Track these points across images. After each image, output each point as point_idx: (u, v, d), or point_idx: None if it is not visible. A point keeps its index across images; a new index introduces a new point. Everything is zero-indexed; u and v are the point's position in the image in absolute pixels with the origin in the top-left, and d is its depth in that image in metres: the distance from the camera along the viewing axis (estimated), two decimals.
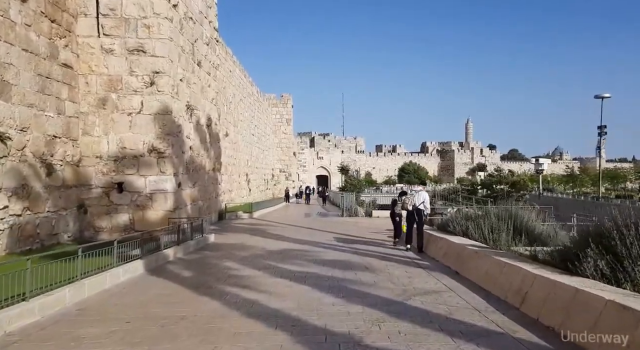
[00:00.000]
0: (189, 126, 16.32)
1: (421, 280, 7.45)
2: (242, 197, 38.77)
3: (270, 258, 10.14)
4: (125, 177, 13.98)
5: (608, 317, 4.06)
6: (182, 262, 9.72)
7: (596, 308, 4.24)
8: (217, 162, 20.50)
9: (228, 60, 34.77)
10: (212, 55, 19.82)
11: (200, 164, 17.62)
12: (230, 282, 7.43)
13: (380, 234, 15.18)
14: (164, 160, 14.11)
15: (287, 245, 12.55)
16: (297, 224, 19.45)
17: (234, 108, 36.48)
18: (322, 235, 14.90)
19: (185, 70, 15.87)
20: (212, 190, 19.49)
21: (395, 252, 10.96)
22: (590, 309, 4.32)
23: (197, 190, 17.05)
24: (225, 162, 32.66)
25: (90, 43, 13.91)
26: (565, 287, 4.86)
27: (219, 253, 11.13)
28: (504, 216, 9.82)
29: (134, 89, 14.02)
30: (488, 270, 6.84)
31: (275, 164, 62.74)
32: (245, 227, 17.87)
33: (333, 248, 11.79)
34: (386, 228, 16.87)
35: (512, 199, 20.55)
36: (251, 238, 14.52)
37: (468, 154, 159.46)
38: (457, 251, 8.65)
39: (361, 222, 19.76)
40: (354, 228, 17.27)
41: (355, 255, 10.38)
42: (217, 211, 20.30)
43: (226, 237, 15.02)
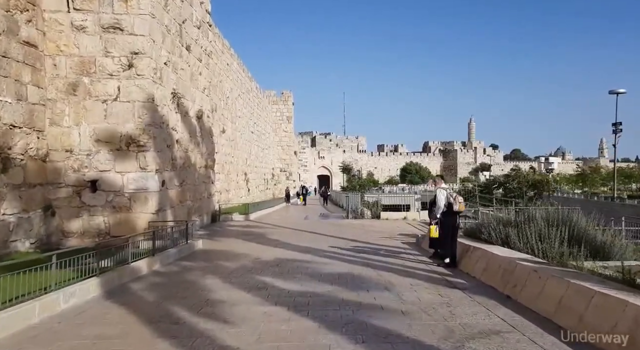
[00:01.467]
0: (176, 117, 14.41)
1: (466, 310, 5.51)
2: (241, 197, 36.91)
3: (264, 272, 8.23)
4: (100, 174, 12.09)
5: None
6: (153, 279, 7.80)
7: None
8: (209, 158, 18.59)
9: (225, 52, 32.88)
10: (203, 40, 17.92)
11: (189, 160, 15.72)
12: (205, 313, 5.50)
13: (393, 240, 13.25)
14: (144, 154, 12.22)
15: (286, 253, 10.64)
16: (298, 227, 17.52)
17: (231, 103, 34.58)
18: (326, 241, 12.98)
19: (170, 54, 13.97)
20: (203, 189, 17.59)
21: (417, 264, 9.02)
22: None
23: (185, 189, 15.15)
24: (222, 161, 30.78)
25: (58, 19, 12.02)
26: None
27: (202, 265, 9.20)
28: (556, 221, 7.91)
29: (110, 72, 12.13)
30: (563, 299, 4.92)
31: (276, 163, 60.80)
32: (239, 231, 15.94)
33: (340, 258, 9.87)
34: (399, 233, 14.95)
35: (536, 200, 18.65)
36: (244, 244, 12.60)
37: (471, 154, 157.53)
38: (504, 267, 6.73)
39: (369, 225, 17.83)
40: (361, 232, 15.35)
41: (369, 269, 8.46)
42: (209, 213, 18.38)
43: (216, 243, 13.10)
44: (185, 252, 10.78)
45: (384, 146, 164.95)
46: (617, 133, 42.47)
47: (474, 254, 8.16)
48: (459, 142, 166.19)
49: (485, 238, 8.91)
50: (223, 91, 31.90)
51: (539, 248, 7.64)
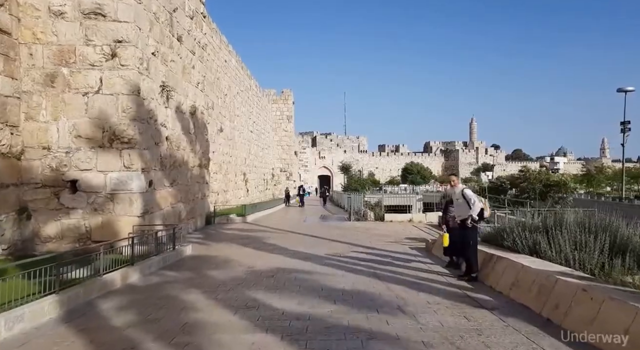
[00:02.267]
0: (165, 112, 13.36)
1: (503, 340, 4.44)
2: (239, 198, 35.88)
3: (257, 286, 7.17)
4: (81, 174, 11.06)
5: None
6: (127, 294, 6.72)
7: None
8: (204, 157, 17.54)
9: (223, 49, 31.85)
10: (197, 31, 16.87)
11: (181, 158, 14.67)
12: (178, 345, 4.43)
13: (400, 245, 12.19)
14: (129, 152, 11.18)
15: (283, 261, 9.58)
16: (297, 230, 16.46)
17: (229, 101, 33.54)
18: (328, 246, 11.93)
19: (159, 43, 12.92)
20: (197, 190, 16.53)
21: (433, 275, 7.95)
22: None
23: (176, 190, 14.10)
24: (219, 160, 29.73)
25: (34, 4, 10.98)
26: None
27: (187, 275, 8.14)
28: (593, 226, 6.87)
29: (91, 62, 11.10)
30: (632, 329, 3.85)
31: (276, 163, 59.74)
32: (234, 235, 14.89)
33: (344, 267, 8.82)
34: (406, 236, 13.89)
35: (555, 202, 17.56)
36: (239, 250, 11.54)
37: (472, 154, 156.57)
38: (539, 282, 5.66)
39: (373, 228, 16.76)
40: (365, 236, 14.29)
41: (377, 281, 7.40)
42: (203, 215, 17.33)
43: (208, 248, 12.05)
44: (171, 260, 9.72)
45: (385, 146, 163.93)
46: (625, 132, 41.34)
47: (498, 264, 7.09)
48: (460, 142, 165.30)
49: (509, 245, 7.85)
50: (221, 88, 30.87)
51: (575, 258, 6.59)
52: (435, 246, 10.80)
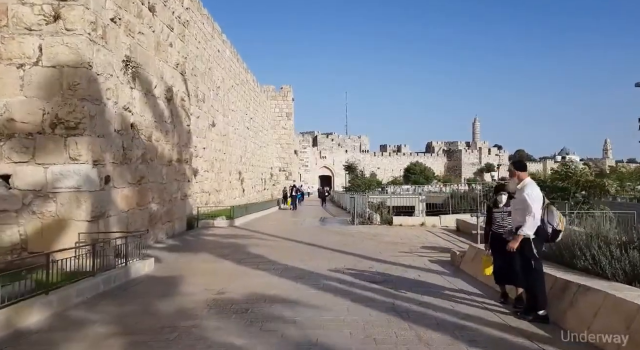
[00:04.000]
0: (130, 94, 11.00)
1: None
2: (234, 198, 33.57)
3: (218, 329, 4.80)
4: (14, 168, 8.73)
5: None
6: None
7: None
8: (184, 151, 15.17)
9: (216, 37, 29.51)
10: (176, 3, 14.50)
11: (153, 151, 12.31)
12: None
13: (417, 256, 9.82)
14: (76, 140, 8.82)
15: (267, 283, 7.21)
16: (293, 236, 14.06)
17: (223, 95, 31.20)
18: (328, 259, 9.58)
19: (122, 9, 10.57)
20: (175, 189, 14.16)
21: (478, 310, 5.55)
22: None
23: (146, 189, 11.74)
24: (211, 157, 27.38)
25: None
26: None
27: (121, 311, 5.66)
28: None
29: (28, 25, 8.77)
30: None
31: (275, 162, 57.37)
32: (216, 243, 12.53)
33: (350, 293, 6.44)
34: (421, 245, 11.53)
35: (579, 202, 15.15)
36: (214, 264, 9.17)
37: (475, 154, 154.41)
38: None
39: (381, 233, 14.37)
40: (373, 244, 11.93)
41: (400, 322, 5.03)
42: (183, 218, 14.94)
43: (176, 261, 9.66)
44: (114, 282, 7.28)
45: (387, 146, 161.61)
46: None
47: (582, 299, 4.71)
48: (463, 142, 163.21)
49: (587, 267, 5.45)
50: (213, 80, 28.54)
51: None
52: (465, 261, 8.42)
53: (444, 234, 14.10)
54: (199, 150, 24.48)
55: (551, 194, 18.75)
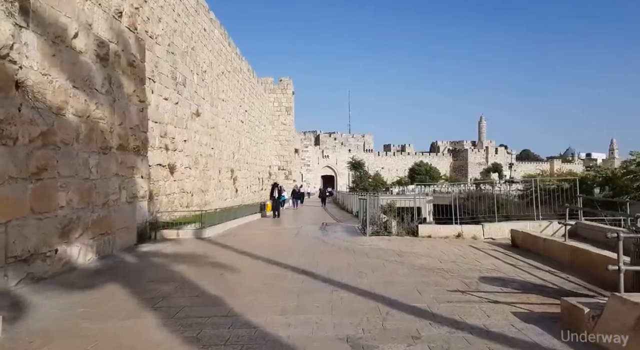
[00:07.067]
0: (18, 34, 6.84)
1: None
2: (225, 199, 29.53)
3: None
4: None
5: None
6: None
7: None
8: (135, 136, 11.01)
9: (201, 13, 25.40)
10: None
11: (70, 129, 8.16)
12: None
13: (486, 302, 5.67)
14: None
15: None
16: (280, 256, 9.73)
17: (211, 81, 27.08)
18: (330, 310, 5.46)
19: None
20: (116, 188, 9.99)
21: None
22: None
23: (46, 186, 7.58)
24: (194, 152, 23.21)
25: None
26: None
27: None
28: None
29: None
30: None
31: (273, 160, 53.22)
32: (161, 268, 8.30)
33: None
34: (480, 274, 7.33)
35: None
36: (113, 328, 5.00)
37: (482, 154, 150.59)
38: None
39: (408, 251, 10.11)
40: (403, 272, 7.76)
41: None
42: (132, 228, 10.71)
43: (44, 318, 5.46)
44: None
45: (391, 146, 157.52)
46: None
47: None
48: (469, 142, 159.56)
49: None
50: (197, 62, 24.46)
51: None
52: (606, 326, 4.22)
53: (496, 252, 9.88)
54: (178, 143, 20.43)
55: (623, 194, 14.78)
